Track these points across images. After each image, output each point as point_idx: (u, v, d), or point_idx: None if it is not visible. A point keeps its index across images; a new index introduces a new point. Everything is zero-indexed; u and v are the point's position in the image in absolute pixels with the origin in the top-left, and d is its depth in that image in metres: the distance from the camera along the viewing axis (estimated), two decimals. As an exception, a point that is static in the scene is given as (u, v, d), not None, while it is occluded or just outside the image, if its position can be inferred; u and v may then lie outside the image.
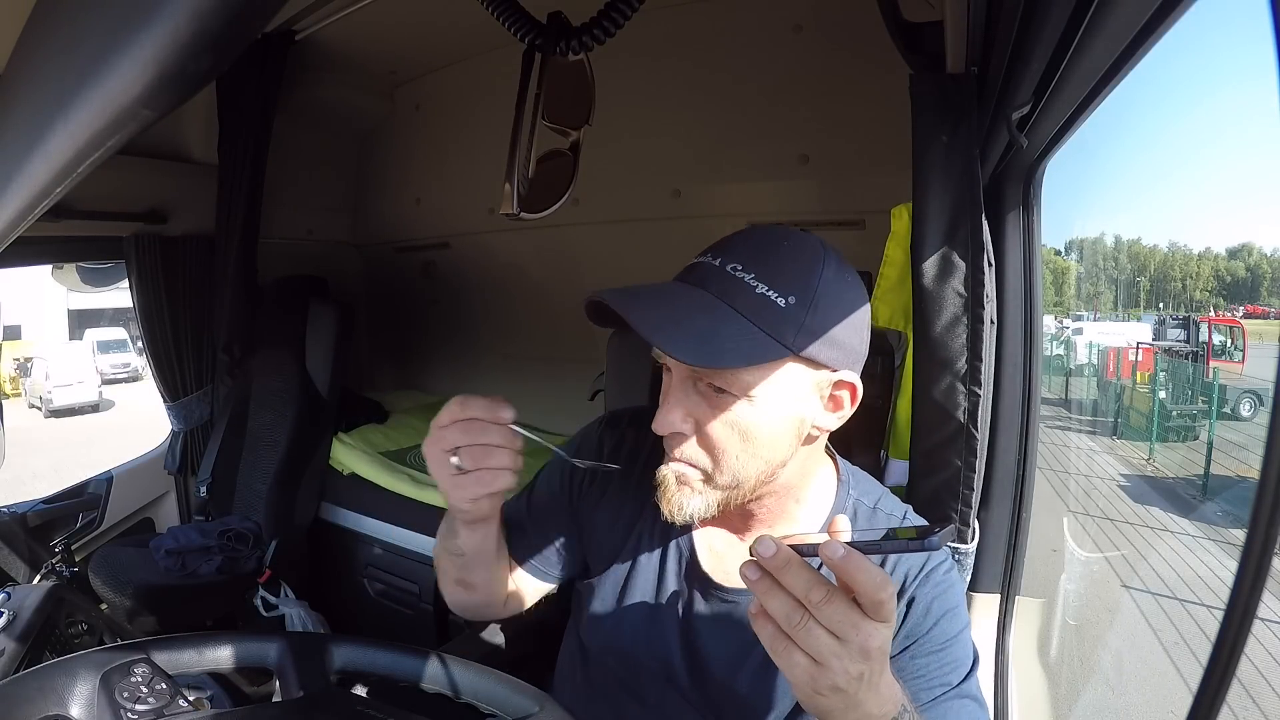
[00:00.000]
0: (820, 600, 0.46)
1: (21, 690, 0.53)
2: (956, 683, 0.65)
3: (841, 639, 0.46)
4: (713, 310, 0.58)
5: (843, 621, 0.46)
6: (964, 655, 0.67)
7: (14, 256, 1.86)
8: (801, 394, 0.62)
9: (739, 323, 0.58)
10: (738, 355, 0.57)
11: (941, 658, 0.65)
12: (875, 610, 0.46)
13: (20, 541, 1.73)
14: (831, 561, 0.45)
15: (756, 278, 0.59)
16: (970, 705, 0.65)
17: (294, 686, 0.59)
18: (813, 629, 0.46)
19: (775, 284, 0.59)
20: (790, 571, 0.46)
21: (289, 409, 2.05)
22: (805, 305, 0.59)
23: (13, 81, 0.26)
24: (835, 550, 0.45)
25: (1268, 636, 2.87)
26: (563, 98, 0.89)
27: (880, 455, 1.13)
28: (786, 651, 0.47)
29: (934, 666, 0.65)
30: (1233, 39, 39.11)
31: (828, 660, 0.46)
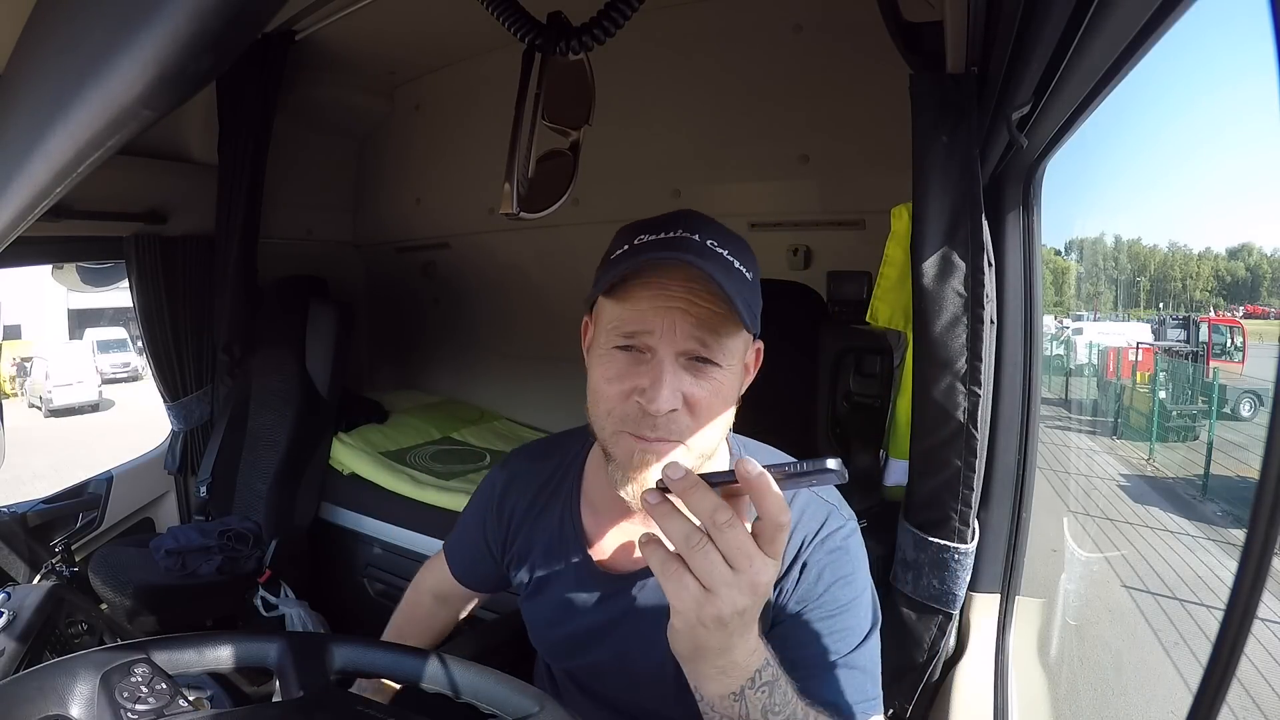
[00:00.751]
0: (724, 523, 0.46)
1: (21, 690, 0.53)
2: (845, 651, 0.65)
3: (735, 568, 0.46)
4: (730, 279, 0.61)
5: (739, 549, 0.46)
6: (856, 624, 0.67)
7: (14, 256, 1.85)
8: (746, 358, 0.67)
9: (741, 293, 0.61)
10: (752, 320, 0.62)
11: (831, 625, 0.66)
12: (771, 541, 0.47)
13: (20, 541, 1.73)
14: (748, 479, 0.45)
15: (731, 253, 0.62)
16: (857, 676, 0.65)
17: (294, 686, 0.59)
18: (710, 552, 0.46)
19: (742, 258, 0.63)
20: (698, 492, 0.47)
21: (289, 409, 2.05)
22: (757, 279, 0.65)
23: (13, 81, 0.26)
24: (753, 467, 0.45)
25: (1268, 636, 2.87)
26: (563, 98, 0.89)
27: (880, 455, 1.13)
28: (678, 574, 0.47)
29: (823, 633, 0.65)
30: (1233, 39, 39.11)
31: (718, 588, 0.46)
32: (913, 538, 0.94)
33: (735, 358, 0.64)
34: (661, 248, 0.62)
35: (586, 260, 2.54)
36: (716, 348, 0.62)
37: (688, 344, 0.61)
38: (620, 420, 0.64)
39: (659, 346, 0.62)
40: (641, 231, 0.66)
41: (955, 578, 0.91)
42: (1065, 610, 2.59)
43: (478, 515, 0.89)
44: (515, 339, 2.60)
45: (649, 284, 0.62)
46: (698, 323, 0.61)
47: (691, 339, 0.61)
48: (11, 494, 1.91)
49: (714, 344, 0.62)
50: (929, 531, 0.92)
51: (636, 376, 0.63)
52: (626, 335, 0.63)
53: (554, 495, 0.81)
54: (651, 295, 0.62)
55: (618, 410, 0.64)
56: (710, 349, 0.62)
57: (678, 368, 0.62)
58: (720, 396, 0.64)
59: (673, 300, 0.61)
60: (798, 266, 1.83)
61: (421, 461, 2.13)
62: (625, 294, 0.63)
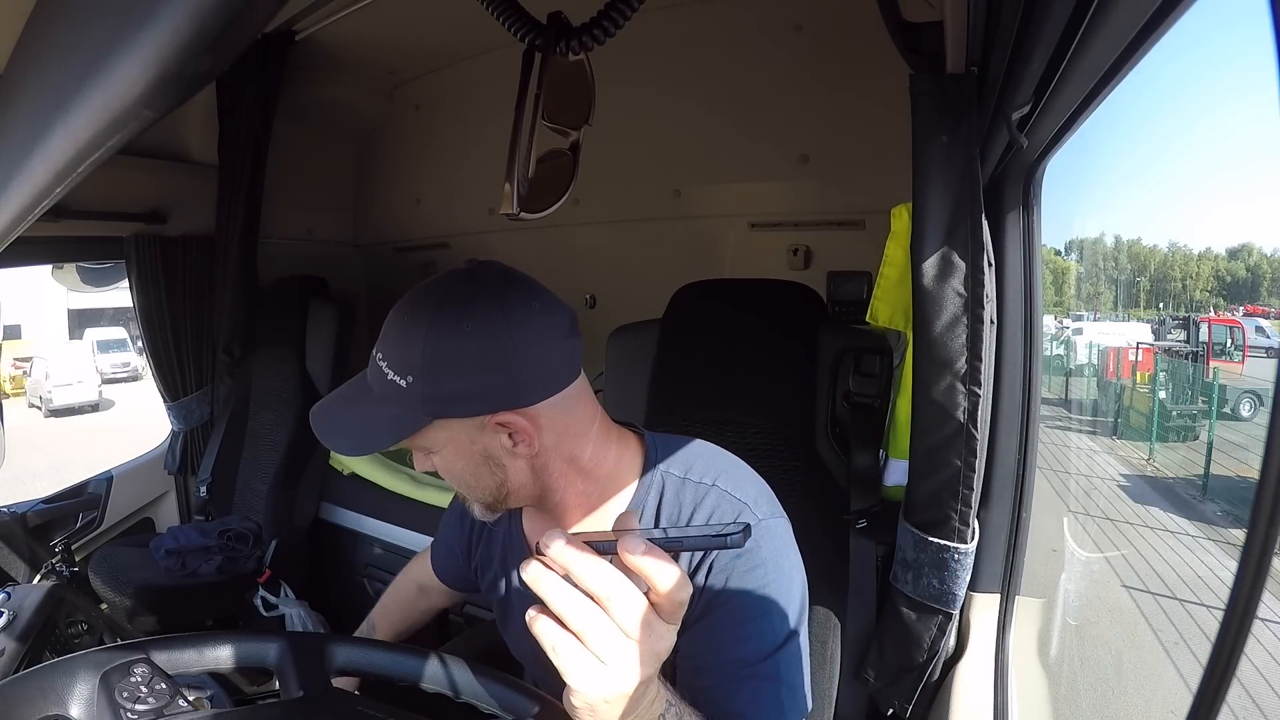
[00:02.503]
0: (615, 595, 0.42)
1: (21, 690, 0.53)
2: (755, 660, 0.63)
3: (635, 640, 0.43)
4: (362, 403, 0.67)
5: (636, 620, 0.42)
6: (769, 630, 0.64)
7: (14, 256, 1.86)
8: (470, 439, 0.67)
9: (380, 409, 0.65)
10: (385, 436, 0.66)
11: (740, 632, 0.64)
12: (670, 612, 0.43)
13: (20, 541, 1.73)
14: (632, 561, 0.41)
15: (389, 363, 0.64)
16: (769, 686, 0.63)
17: (294, 686, 0.59)
18: (606, 626, 0.42)
19: (399, 366, 0.64)
20: (582, 564, 0.42)
21: (289, 409, 2.05)
22: (422, 377, 0.62)
23: (13, 81, 0.26)
24: (635, 547, 0.41)
25: (1268, 636, 2.87)
26: (563, 98, 0.89)
27: (880, 455, 1.13)
28: (572, 651, 0.43)
29: (730, 640, 0.64)
30: (1233, 39, 39.11)
31: (615, 660, 0.42)
32: (912, 538, 0.94)
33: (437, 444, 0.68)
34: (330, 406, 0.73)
35: (587, 260, 2.56)
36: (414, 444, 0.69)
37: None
38: None
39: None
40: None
41: (955, 578, 0.91)
42: (1065, 610, 2.59)
43: (454, 515, 0.97)
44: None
45: None
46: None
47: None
48: (11, 494, 1.91)
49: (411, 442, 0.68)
50: (929, 531, 0.92)
51: None
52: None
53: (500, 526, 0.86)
54: None
55: None
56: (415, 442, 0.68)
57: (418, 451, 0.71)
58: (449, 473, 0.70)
59: None
60: (798, 266, 1.83)
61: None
62: None
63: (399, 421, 0.65)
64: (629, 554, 0.41)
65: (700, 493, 0.70)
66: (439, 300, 0.63)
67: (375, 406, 0.66)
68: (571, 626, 0.43)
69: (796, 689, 0.65)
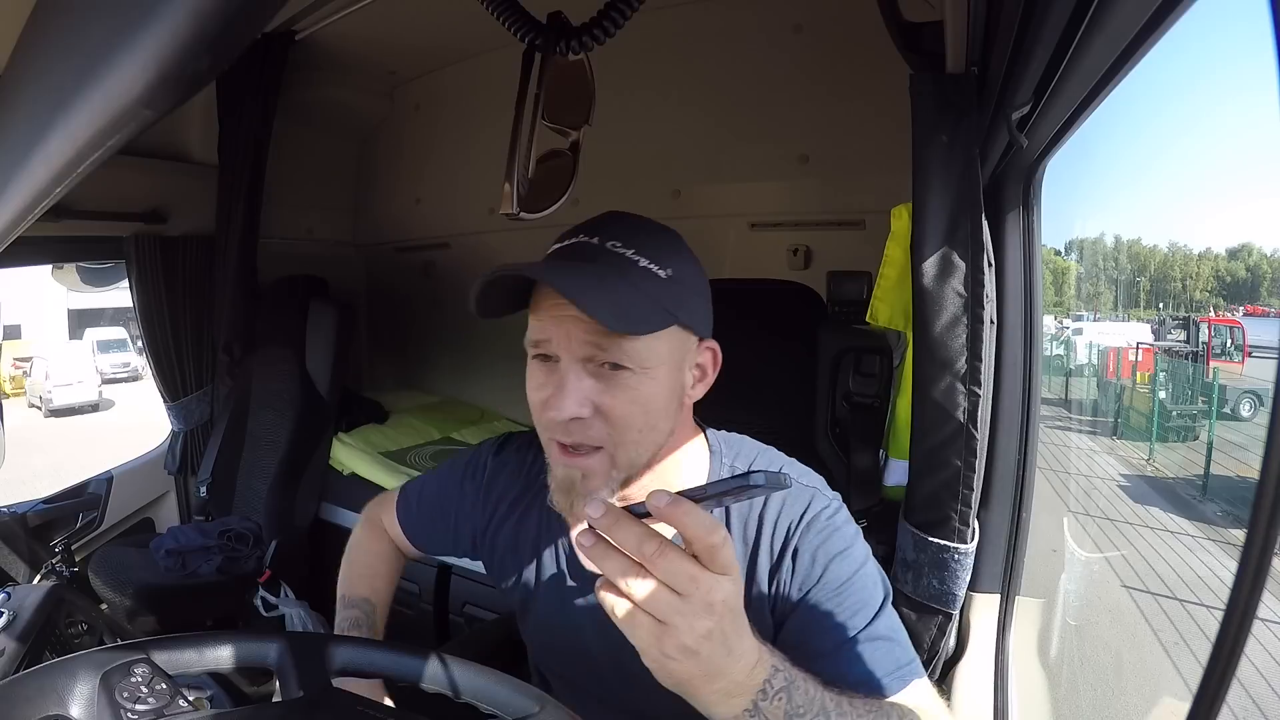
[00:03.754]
0: (653, 553, 0.44)
1: (21, 690, 0.53)
2: (863, 625, 0.64)
3: (681, 594, 0.45)
4: (613, 282, 0.60)
5: (679, 574, 0.45)
6: (866, 597, 0.65)
7: (14, 256, 1.85)
8: (681, 362, 0.65)
9: (634, 294, 0.60)
10: (647, 323, 0.60)
11: (839, 603, 0.64)
12: (711, 558, 0.45)
13: (20, 541, 1.73)
14: (659, 510, 0.44)
15: (637, 252, 0.62)
16: (883, 646, 0.64)
17: (294, 687, 0.59)
18: (650, 585, 0.45)
19: (654, 258, 0.62)
20: (620, 528, 0.45)
21: (289, 409, 2.05)
22: (679, 278, 0.63)
23: (13, 81, 0.26)
24: (660, 498, 0.44)
25: (1268, 636, 2.87)
26: (563, 98, 0.89)
27: (880, 455, 1.13)
28: (629, 616, 0.46)
29: (834, 613, 0.64)
30: (1233, 39, 39.14)
31: (670, 618, 0.45)
32: (913, 538, 0.94)
33: (654, 360, 0.62)
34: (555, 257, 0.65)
35: (586, 260, 2.51)
36: (618, 352, 0.61)
37: (585, 350, 0.62)
38: (545, 427, 0.66)
39: (561, 354, 0.63)
40: (559, 240, 0.68)
41: (955, 578, 0.91)
42: (1065, 610, 2.59)
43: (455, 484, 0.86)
44: (516, 339, 2.58)
45: (549, 294, 0.63)
46: (591, 327, 0.60)
47: (588, 345, 0.61)
48: (11, 494, 1.91)
49: (613, 348, 0.61)
50: (929, 531, 0.92)
51: (549, 385, 0.65)
52: (535, 344, 0.65)
53: (537, 495, 0.79)
54: (549, 304, 0.63)
55: (543, 419, 0.66)
56: (610, 354, 0.61)
57: (582, 374, 0.62)
58: (638, 402, 0.62)
59: (566, 309, 0.61)
60: (798, 266, 1.83)
61: (422, 461, 2.13)
62: (535, 305, 0.66)
63: (660, 308, 0.60)
64: (656, 504, 0.44)
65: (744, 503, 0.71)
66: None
67: (631, 289, 0.60)
68: (624, 590, 0.46)
69: (906, 644, 0.66)
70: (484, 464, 0.86)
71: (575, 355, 0.62)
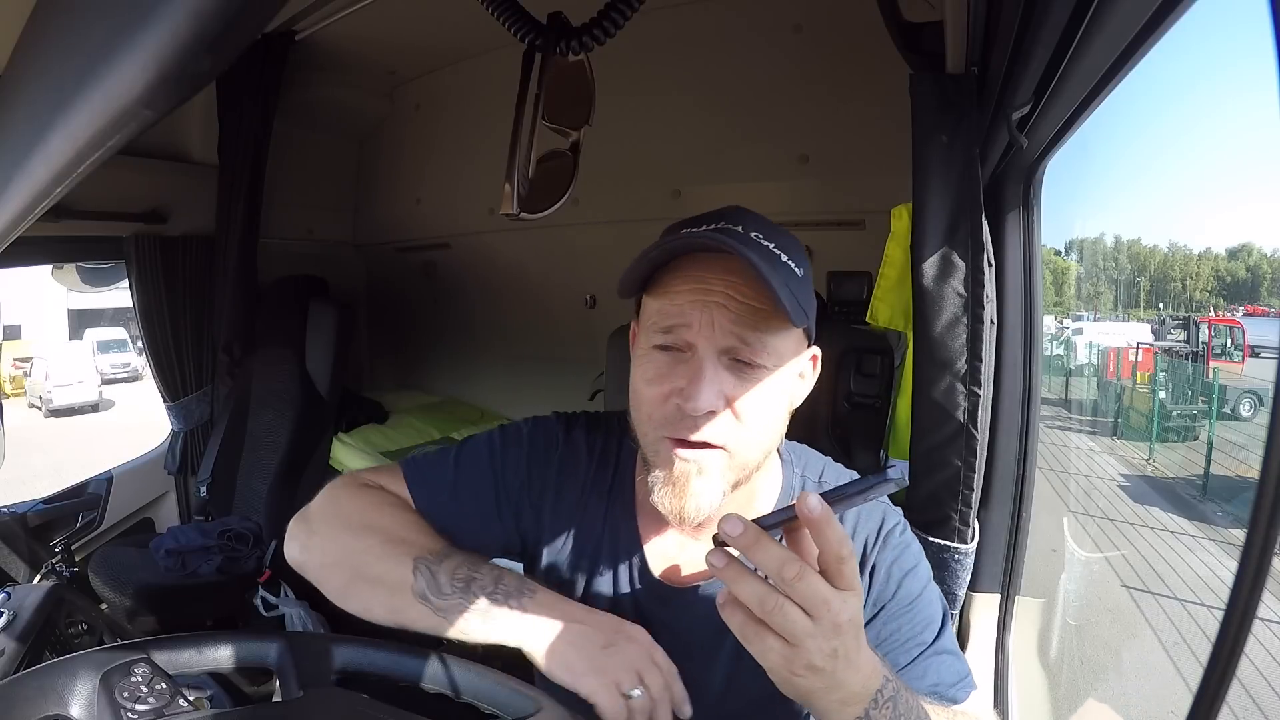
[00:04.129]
0: (793, 577, 0.44)
1: (21, 690, 0.53)
2: (931, 640, 0.65)
3: (814, 616, 0.45)
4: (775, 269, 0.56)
5: (814, 597, 0.45)
6: (933, 612, 0.66)
7: (14, 256, 1.86)
8: (796, 364, 0.63)
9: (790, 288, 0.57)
10: (799, 315, 0.56)
11: (911, 618, 0.65)
12: (839, 574, 0.46)
13: (20, 541, 1.73)
14: (810, 517, 0.44)
15: (778, 247, 0.58)
16: (949, 660, 0.65)
17: (294, 687, 0.59)
18: (787, 609, 0.45)
19: (791, 255, 0.59)
20: (761, 548, 0.45)
21: (289, 409, 2.05)
22: (807, 279, 0.61)
23: (13, 81, 0.26)
24: (815, 505, 0.44)
25: (1268, 636, 2.87)
26: (563, 98, 0.89)
27: (880, 455, 1.13)
28: (759, 637, 0.46)
29: (905, 628, 0.65)
30: (1233, 39, 39.16)
31: (801, 640, 0.45)
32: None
33: (783, 359, 0.60)
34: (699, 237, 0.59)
35: (587, 260, 2.56)
36: (759, 347, 0.58)
37: (728, 340, 0.58)
38: (660, 424, 0.60)
39: (698, 342, 0.58)
40: (684, 226, 0.63)
41: (955, 578, 0.91)
42: (1065, 610, 2.59)
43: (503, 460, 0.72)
44: (515, 339, 2.60)
45: (688, 276, 0.59)
46: (738, 318, 0.57)
47: (731, 335, 0.57)
48: (11, 494, 1.91)
49: (756, 342, 0.58)
50: (929, 531, 0.92)
51: (676, 377, 0.59)
52: (664, 330, 0.59)
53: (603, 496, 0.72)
54: (690, 288, 0.58)
55: (657, 413, 0.60)
56: (752, 348, 0.58)
57: (719, 366, 0.58)
58: (765, 402, 0.59)
59: (711, 293, 0.57)
60: (798, 266, 1.83)
61: (421, 461, 2.14)
62: (664, 288, 0.60)
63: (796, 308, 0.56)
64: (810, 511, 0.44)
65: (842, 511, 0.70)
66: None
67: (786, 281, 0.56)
68: (759, 612, 0.45)
69: (964, 656, 0.67)
70: (555, 440, 0.74)
71: (716, 344, 0.58)
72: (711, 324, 0.57)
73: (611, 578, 0.70)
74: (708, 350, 0.58)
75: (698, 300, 0.58)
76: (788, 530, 0.47)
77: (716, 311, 0.57)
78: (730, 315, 0.57)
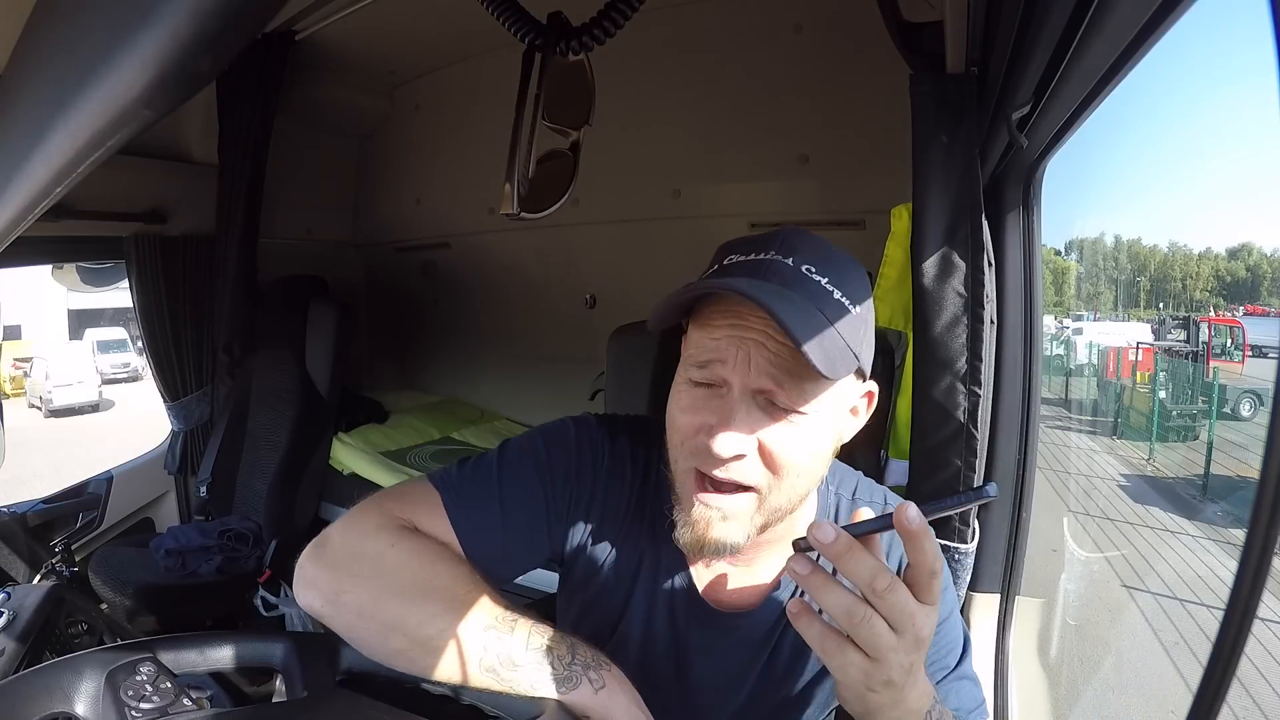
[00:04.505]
0: (885, 588, 0.43)
1: (28, 687, 0.53)
2: (953, 665, 0.65)
3: (899, 630, 0.44)
4: (814, 314, 0.53)
5: (903, 610, 0.44)
6: (956, 636, 0.67)
7: (14, 256, 1.86)
8: (845, 404, 0.60)
9: (833, 332, 0.53)
10: (841, 365, 0.53)
11: (939, 641, 0.65)
12: (927, 588, 0.45)
13: (20, 541, 1.73)
14: (910, 529, 0.43)
15: (832, 282, 0.55)
16: (968, 685, 0.65)
17: (299, 687, 0.59)
18: (874, 621, 0.44)
19: (847, 289, 0.55)
20: (854, 558, 0.44)
21: (289, 409, 2.05)
22: (864, 315, 0.57)
23: (13, 81, 0.26)
24: (913, 518, 0.42)
25: (1268, 636, 2.87)
26: (563, 98, 0.89)
27: (880, 455, 1.13)
28: (840, 650, 0.45)
29: (931, 653, 0.64)
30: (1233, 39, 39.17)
31: (884, 655, 0.44)
32: (913, 538, 0.94)
33: (827, 403, 0.56)
34: (742, 271, 0.55)
35: (586, 260, 2.56)
36: (795, 392, 0.54)
37: (761, 381, 0.54)
38: (691, 454, 0.58)
39: (732, 379, 0.55)
40: (734, 251, 0.59)
41: (955, 578, 0.91)
42: (1065, 610, 2.59)
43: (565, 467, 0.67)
44: (515, 339, 2.60)
45: (729, 311, 0.55)
46: (775, 358, 0.53)
47: (766, 376, 0.54)
48: (11, 494, 1.91)
49: (792, 388, 0.54)
50: (929, 531, 0.92)
51: (708, 412, 0.56)
52: (700, 365, 0.57)
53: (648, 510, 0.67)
54: (729, 324, 0.55)
55: (689, 444, 0.58)
56: (788, 393, 0.54)
57: (752, 406, 0.55)
58: (803, 447, 0.56)
59: (749, 331, 0.54)
60: (798, 266, 1.83)
61: (421, 461, 2.13)
62: (705, 320, 0.57)
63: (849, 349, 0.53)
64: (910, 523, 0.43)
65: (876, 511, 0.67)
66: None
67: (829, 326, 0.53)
68: (845, 624, 0.44)
69: (980, 685, 0.67)
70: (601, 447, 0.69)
71: (750, 385, 0.55)
72: (748, 362, 0.54)
73: (652, 594, 0.67)
74: (743, 390, 0.55)
75: (735, 336, 0.55)
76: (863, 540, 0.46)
77: (754, 349, 0.54)
78: (768, 355, 0.54)
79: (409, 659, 0.58)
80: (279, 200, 2.16)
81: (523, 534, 0.66)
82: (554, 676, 0.57)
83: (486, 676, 0.57)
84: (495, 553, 0.65)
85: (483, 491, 0.66)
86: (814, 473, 0.59)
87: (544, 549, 0.68)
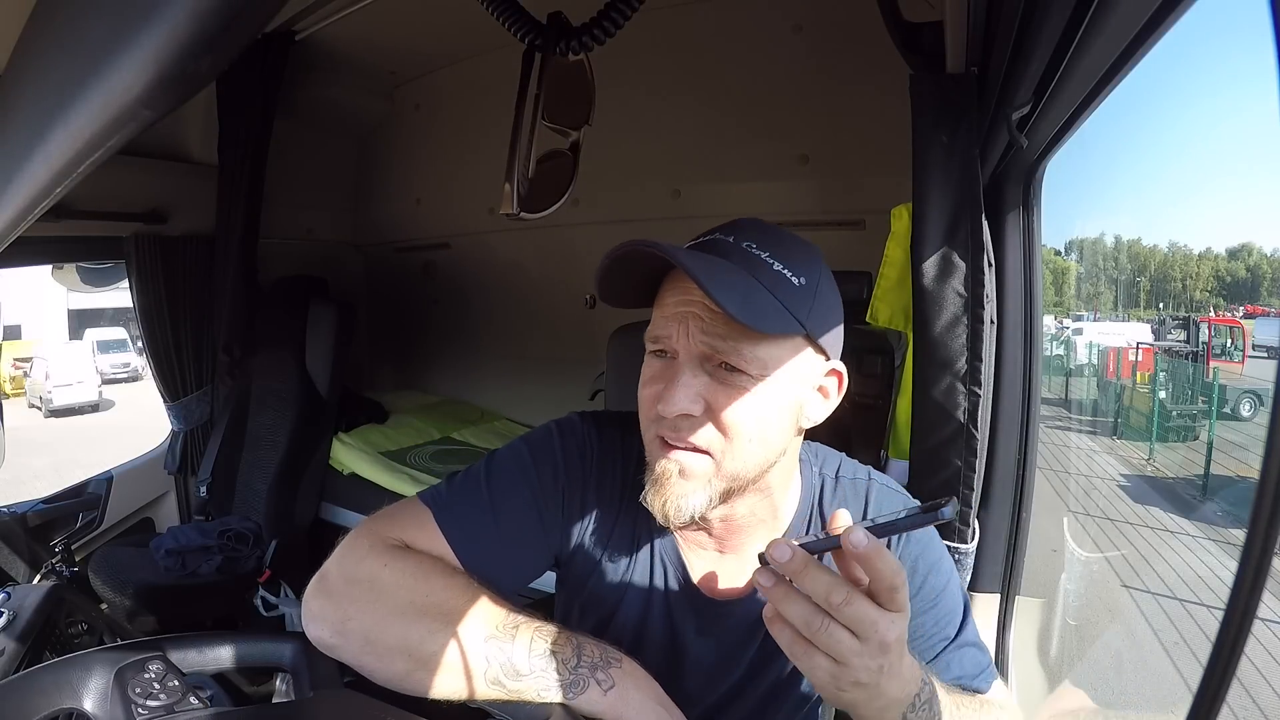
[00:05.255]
0: (840, 602, 0.46)
1: (36, 683, 0.54)
2: (954, 634, 0.66)
3: (861, 637, 0.46)
4: (743, 277, 0.57)
5: (862, 620, 0.46)
6: (955, 605, 0.68)
7: (14, 256, 1.86)
8: (804, 377, 0.62)
9: (764, 294, 0.57)
10: (772, 322, 0.57)
11: (935, 614, 0.66)
12: (890, 600, 0.47)
13: (20, 541, 1.73)
14: (856, 553, 0.45)
15: (772, 256, 0.59)
16: (970, 651, 0.67)
17: (306, 687, 0.59)
18: (834, 631, 0.46)
19: (789, 263, 0.60)
20: (809, 575, 0.47)
21: (289, 409, 2.05)
22: (813, 289, 0.60)
23: (13, 81, 0.26)
24: (860, 540, 0.45)
25: (1268, 636, 2.87)
26: (563, 98, 0.89)
27: (880, 455, 1.13)
28: (807, 655, 0.47)
29: (929, 624, 0.66)
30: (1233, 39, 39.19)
31: (848, 659, 0.46)
32: (913, 538, 0.94)
33: (773, 367, 0.59)
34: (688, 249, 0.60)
35: (587, 260, 2.56)
36: (735, 353, 0.58)
37: (701, 347, 0.59)
38: (652, 422, 0.62)
39: (678, 347, 0.60)
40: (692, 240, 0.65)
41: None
42: (1065, 610, 2.59)
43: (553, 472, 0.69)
44: (515, 339, 2.60)
45: (675, 288, 0.61)
46: (708, 325, 0.58)
47: (703, 343, 0.58)
48: (11, 494, 1.91)
49: (731, 350, 0.58)
50: (929, 531, 0.92)
51: (662, 380, 0.61)
52: (653, 339, 0.63)
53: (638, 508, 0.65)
54: (675, 300, 0.60)
55: (650, 413, 0.62)
56: (728, 354, 0.58)
57: (699, 370, 0.59)
58: (749, 408, 0.59)
59: (690, 304, 0.59)
60: (798, 266, 1.83)
61: (421, 461, 2.13)
62: (658, 301, 0.63)
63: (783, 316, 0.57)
64: (855, 547, 0.45)
65: (859, 488, 0.71)
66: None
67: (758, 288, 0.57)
68: (805, 633, 0.47)
69: (985, 647, 0.69)
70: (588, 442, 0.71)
71: (692, 352, 0.59)
72: (687, 333, 0.59)
73: (647, 583, 0.69)
74: (686, 357, 0.60)
75: (679, 311, 0.60)
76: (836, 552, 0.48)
77: (691, 321, 0.59)
78: (702, 324, 0.58)
79: (416, 680, 0.58)
80: (279, 200, 2.16)
81: (520, 538, 0.67)
82: (560, 682, 0.57)
83: (492, 689, 0.57)
84: (494, 559, 0.65)
85: (472, 500, 0.67)
86: (768, 441, 0.61)
87: (545, 550, 0.70)
